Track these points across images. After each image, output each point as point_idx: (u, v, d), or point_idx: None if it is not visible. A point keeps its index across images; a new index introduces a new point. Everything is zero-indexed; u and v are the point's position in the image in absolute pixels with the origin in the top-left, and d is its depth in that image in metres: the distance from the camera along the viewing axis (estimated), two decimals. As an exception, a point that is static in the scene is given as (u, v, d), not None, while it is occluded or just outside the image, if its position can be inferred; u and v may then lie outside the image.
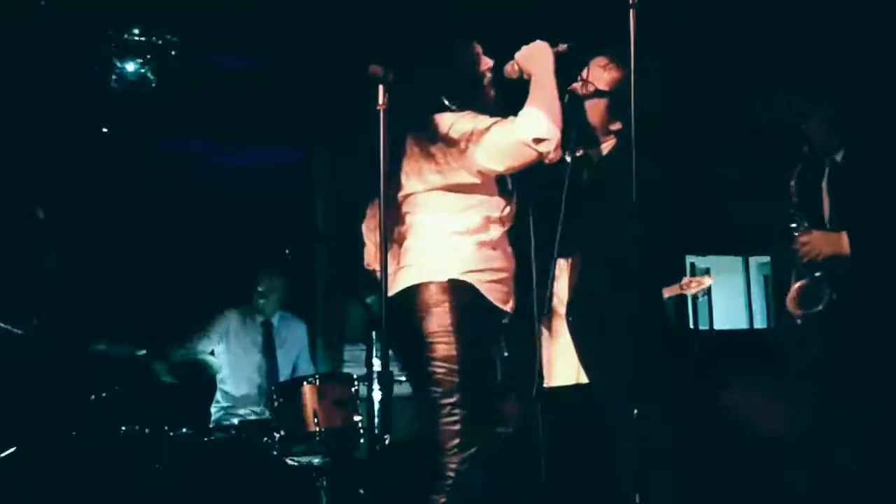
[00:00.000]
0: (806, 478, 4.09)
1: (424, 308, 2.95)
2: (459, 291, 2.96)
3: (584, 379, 3.03)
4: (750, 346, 6.31)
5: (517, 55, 3.07)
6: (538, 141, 2.91)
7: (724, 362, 5.51)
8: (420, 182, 3.06)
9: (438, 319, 2.93)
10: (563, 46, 3.06)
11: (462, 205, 3.04)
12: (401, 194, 3.10)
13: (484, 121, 2.98)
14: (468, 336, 2.94)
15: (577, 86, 3.12)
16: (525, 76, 3.05)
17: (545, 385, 3.02)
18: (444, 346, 2.91)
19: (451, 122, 3.01)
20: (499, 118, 2.99)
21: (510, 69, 3.08)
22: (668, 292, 4.87)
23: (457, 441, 2.87)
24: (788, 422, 4.77)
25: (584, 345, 3.03)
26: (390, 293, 2.96)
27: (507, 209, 3.11)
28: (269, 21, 4.92)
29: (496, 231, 3.07)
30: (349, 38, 4.74)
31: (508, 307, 3.06)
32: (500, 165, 2.98)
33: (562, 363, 3.08)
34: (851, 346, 3.53)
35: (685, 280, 5.02)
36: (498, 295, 3.03)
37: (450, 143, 2.97)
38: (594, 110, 3.14)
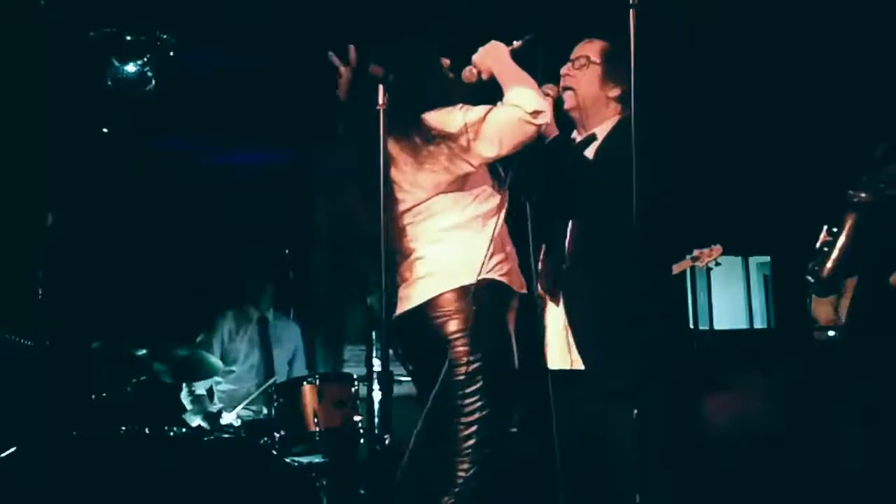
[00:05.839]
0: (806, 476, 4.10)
1: (447, 312, 2.93)
2: (485, 289, 2.96)
3: (578, 365, 3.05)
4: (750, 346, 6.31)
5: (474, 58, 3.08)
6: (535, 114, 2.92)
7: (724, 362, 5.51)
8: (424, 190, 3.03)
9: (462, 322, 2.92)
10: (517, 43, 3.07)
11: (465, 202, 3.03)
12: (401, 208, 3.08)
13: (474, 111, 2.97)
14: (491, 336, 2.93)
15: (550, 88, 3.14)
16: (484, 77, 3.06)
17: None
18: (467, 349, 2.90)
19: (444, 118, 2.99)
20: (488, 106, 2.98)
21: (468, 74, 3.08)
22: (678, 268, 4.79)
23: (472, 442, 2.87)
24: (788, 421, 4.77)
25: (581, 331, 3.04)
26: (411, 305, 2.97)
27: (504, 194, 3.12)
28: (268, 20, 4.92)
29: (500, 220, 3.07)
30: (349, 37, 4.73)
31: (524, 290, 3.08)
32: (503, 149, 2.96)
33: (554, 347, 3.11)
34: None
35: (696, 252, 4.93)
36: (514, 278, 3.04)
37: (450, 138, 2.96)
38: (589, 83, 3.15)
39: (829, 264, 3.40)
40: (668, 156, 3.00)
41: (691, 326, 5.93)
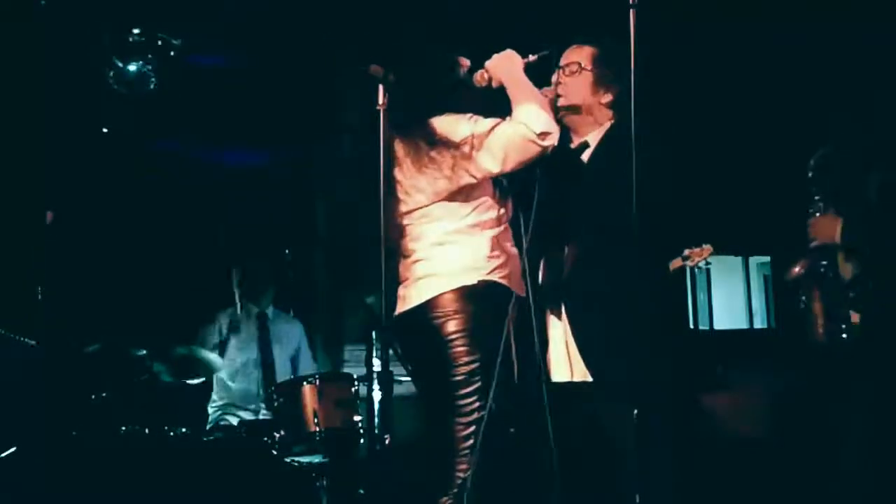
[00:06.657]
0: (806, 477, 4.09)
1: (447, 312, 2.93)
2: (485, 290, 2.95)
3: (578, 377, 3.04)
4: (750, 346, 6.32)
5: (487, 64, 3.08)
6: (543, 135, 2.91)
7: (724, 362, 5.51)
8: (424, 195, 3.03)
9: (461, 322, 2.92)
10: (533, 57, 3.07)
11: (464, 211, 3.04)
12: (402, 209, 3.08)
13: (482, 123, 2.98)
14: (490, 337, 2.93)
15: (547, 91, 3.14)
16: (494, 84, 3.06)
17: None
18: (465, 349, 2.90)
19: (450, 125, 3.00)
20: (497, 119, 2.99)
21: (479, 78, 3.09)
22: (671, 266, 4.84)
23: (470, 443, 2.87)
24: (788, 421, 4.77)
25: (584, 335, 3.03)
26: (410, 305, 2.97)
27: (507, 204, 3.12)
28: (269, 20, 4.92)
29: (502, 226, 3.08)
30: (349, 38, 4.75)
31: (524, 293, 3.07)
32: (505, 165, 2.97)
33: (556, 360, 3.10)
34: None
35: (687, 251, 4.98)
36: (514, 281, 3.04)
37: (453, 146, 2.96)
38: (580, 89, 3.14)
39: (820, 331, 3.40)
40: (668, 156, 3.00)
41: (691, 326, 5.93)
